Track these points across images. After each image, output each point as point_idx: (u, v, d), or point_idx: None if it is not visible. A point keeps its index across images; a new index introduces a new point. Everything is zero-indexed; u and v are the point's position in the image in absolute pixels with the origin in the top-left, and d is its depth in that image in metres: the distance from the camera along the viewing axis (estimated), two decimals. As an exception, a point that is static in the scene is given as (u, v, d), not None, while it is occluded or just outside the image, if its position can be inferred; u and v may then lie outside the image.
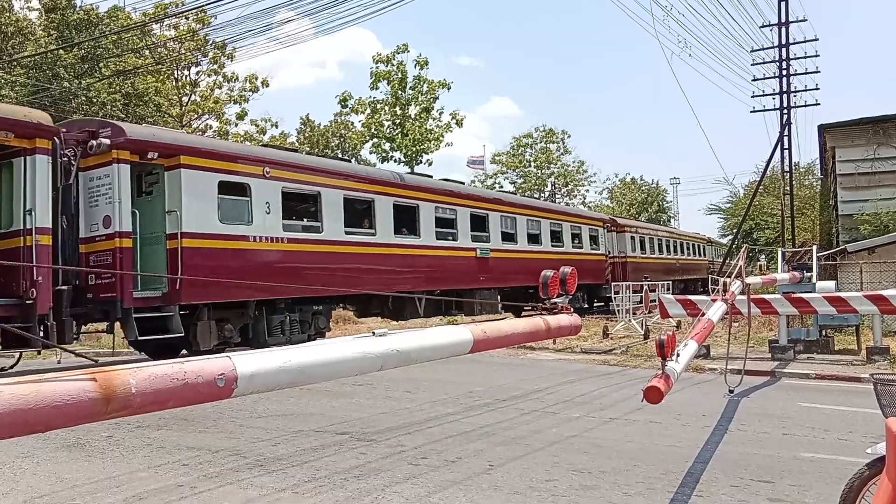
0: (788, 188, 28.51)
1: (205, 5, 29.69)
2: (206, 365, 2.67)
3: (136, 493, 5.26)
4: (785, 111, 28.11)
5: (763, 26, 29.14)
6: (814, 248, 17.33)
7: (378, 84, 38.52)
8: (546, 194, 56.92)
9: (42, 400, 2.12)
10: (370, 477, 5.66)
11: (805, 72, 28.74)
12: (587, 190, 61.41)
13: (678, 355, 5.09)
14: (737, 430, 7.42)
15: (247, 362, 2.83)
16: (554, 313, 5.33)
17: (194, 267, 11.63)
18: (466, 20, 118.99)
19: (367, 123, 40.00)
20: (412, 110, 39.14)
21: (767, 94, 29.07)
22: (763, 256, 31.86)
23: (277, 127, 42.48)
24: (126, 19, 31.97)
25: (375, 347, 3.51)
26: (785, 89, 28.21)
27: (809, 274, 15.08)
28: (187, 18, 34.13)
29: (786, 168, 28.53)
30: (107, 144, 11.05)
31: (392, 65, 38.36)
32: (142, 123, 18.56)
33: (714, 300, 8.00)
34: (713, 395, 9.42)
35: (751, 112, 30.02)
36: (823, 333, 14.04)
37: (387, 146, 39.43)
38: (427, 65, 38.55)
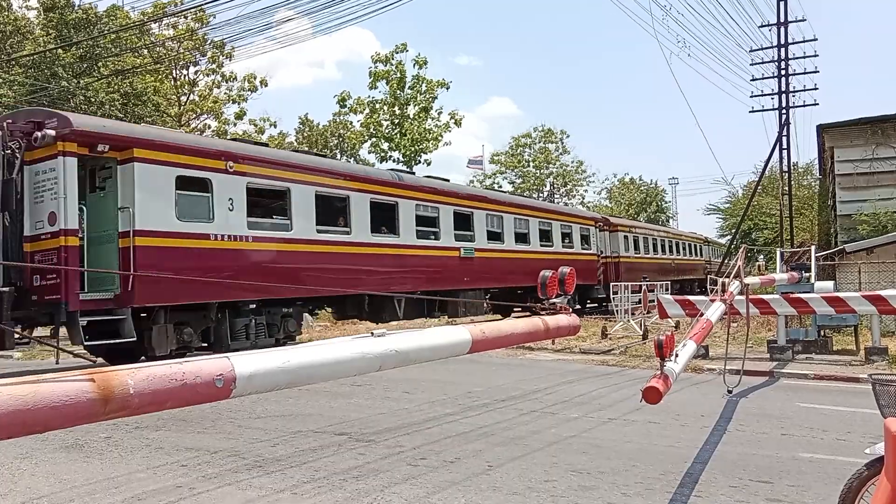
0: (787, 188, 28.54)
1: (203, 4, 29.71)
2: (205, 365, 2.67)
3: (135, 494, 5.25)
4: (784, 111, 28.14)
5: (762, 26, 29.19)
6: (812, 249, 17.36)
7: (377, 84, 38.52)
8: (545, 194, 56.92)
9: (40, 401, 2.11)
10: (369, 477, 5.66)
11: (804, 72, 28.78)
12: (586, 190, 61.52)
13: (677, 355, 5.09)
14: (735, 431, 7.42)
15: (245, 363, 2.82)
16: (551, 313, 5.33)
17: (149, 267, 10.94)
18: (465, 20, 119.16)
19: (366, 123, 39.99)
20: (411, 110, 39.14)
21: (766, 94, 29.12)
22: (762, 256, 31.84)
23: (276, 127, 42.48)
24: (124, 18, 31.93)
25: (374, 348, 3.51)
26: (784, 89, 28.25)
27: (808, 274, 15.09)
28: (186, 18, 34.11)
29: (784, 168, 28.56)
30: (52, 136, 10.36)
31: (391, 64, 38.37)
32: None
33: (713, 300, 8.00)
34: (712, 396, 9.42)
35: (749, 112, 30.08)
36: (822, 334, 14.05)
37: (385, 146, 39.44)
38: (426, 64, 38.58)
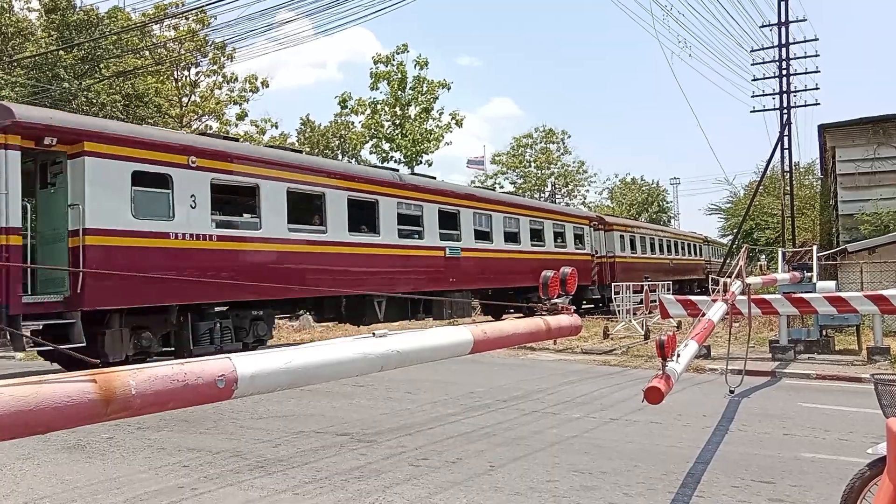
0: (788, 188, 28.50)
1: (204, 6, 29.75)
2: (207, 366, 2.67)
3: (137, 495, 5.26)
4: (785, 111, 28.11)
5: (763, 26, 29.16)
6: (814, 248, 17.34)
7: (378, 84, 38.61)
8: (546, 195, 56.92)
9: (42, 401, 2.11)
10: (371, 478, 5.66)
11: (805, 72, 28.76)
12: (587, 190, 61.52)
13: (679, 356, 5.09)
14: (737, 431, 7.42)
15: (247, 363, 2.82)
16: (553, 314, 5.33)
17: (100, 268, 10.39)
18: (466, 20, 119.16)
19: (367, 124, 40.05)
20: (412, 111, 39.17)
21: (767, 94, 29.09)
22: (763, 256, 31.84)
23: (277, 127, 42.58)
24: (126, 20, 31.98)
25: (376, 348, 3.51)
26: (785, 89, 28.21)
27: (810, 274, 15.08)
28: (187, 19, 34.16)
29: (786, 168, 28.53)
30: None
31: (392, 65, 38.41)
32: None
33: (714, 300, 7.99)
34: (714, 396, 9.42)
35: (751, 112, 30.06)
36: (824, 333, 14.04)
37: (386, 146, 39.48)
38: (427, 65, 38.63)
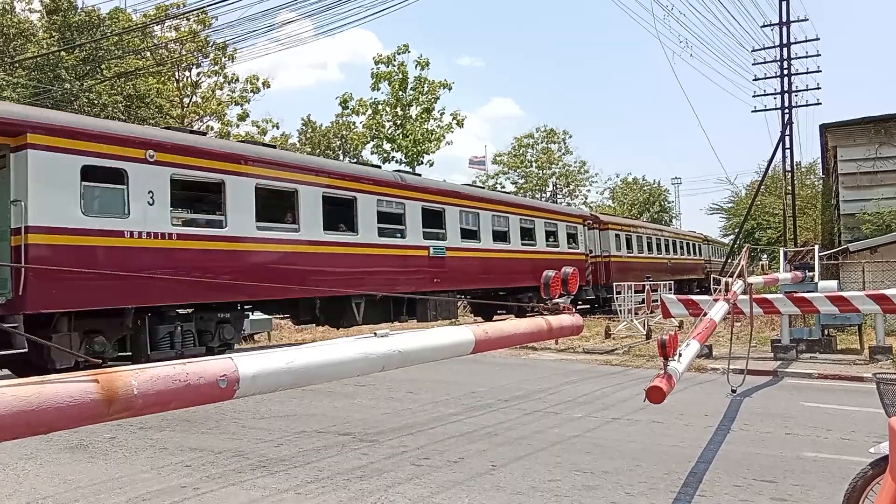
0: (790, 188, 28.47)
1: (206, 6, 29.77)
2: (209, 366, 2.68)
3: (139, 495, 5.26)
4: (786, 111, 28.07)
5: (764, 26, 29.12)
6: (816, 248, 17.32)
7: (379, 85, 38.59)
8: (547, 195, 56.92)
9: (44, 401, 2.12)
10: (373, 477, 5.67)
11: (806, 71, 28.72)
12: (588, 190, 61.46)
13: (680, 355, 5.09)
14: (739, 430, 7.41)
15: (249, 363, 2.83)
16: (554, 313, 5.33)
17: (46, 268, 9.71)
18: (467, 21, 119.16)
19: (368, 124, 40.06)
20: (413, 111, 39.19)
21: (769, 94, 29.03)
22: (765, 256, 31.78)
23: (278, 128, 42.64)
24: (127, 21, 32.03)
25: (377, 348, 3.51)
26: (786, 89, 28.16)
27: (811, 273, 15.07)
28: (188, 20, 34.19)
29: (787, 168, 28.50)
30: None
31: (393, 66, 38.42)
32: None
33: (716, 300, 7.99)
34: (715, 395, 9.41)
35: (752, 112, 29.98)
36: (826, 333, 14.03)
37: (388, 147, 39.51)
38: (428, 65, 38.62)
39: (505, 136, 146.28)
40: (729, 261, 27.84)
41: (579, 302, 25.94)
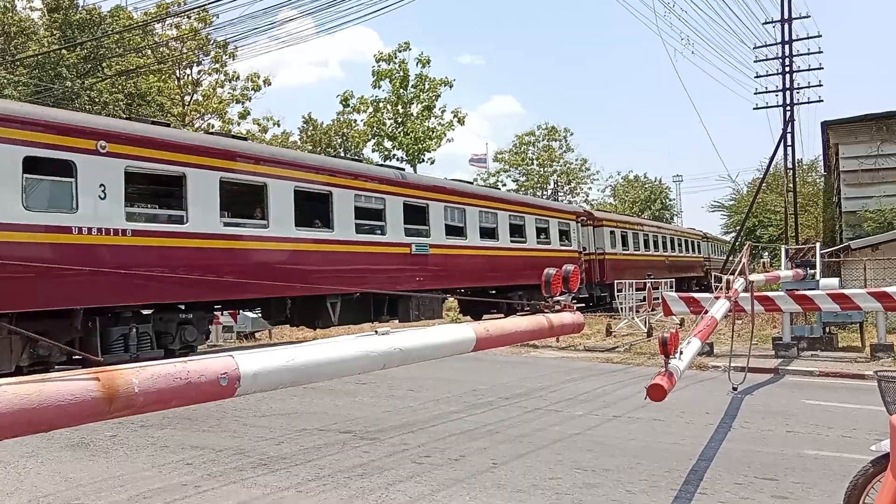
0: (792, 185, 28.44)
1: (206, 4, 29.75)
2: (210, 364, 2.68)
3: (140, 492, 5.27)
4: (788, 108, 28.04)
5: (766, 23, 29.05)
6: (817, 246, 17.34)
7: (380, 83, 38.60)
8: (548, 192, 56.91)
9: (45, 399, 2.12)
10: (374, 475, 5.67)
11: (808, 68, 28.68)
12: (590, 188, 61.49)
13: (681, 353, 5.09)
14: (740, 428, 7.41)
15: (250, 361, 2.83)
16: (556, 311, 5.33)
17: None
18: (468, 18, 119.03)
19: (370, 122, 40.08)
20: (414, 109, 39.19)
21: (770, 91, 28.97)
22: (766, 254, 31.75)
23: (280, 126, 42.72)
24: (128, 19, 32.04)
25: (378, 346, 3.51)
26: (788, 86, 28.12)
27: (813, 271, 15.08)
28: (189, 18, 34.20)
29: (789, 165, 28.47)
30: None
31: (394, 63, 38.43)
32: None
33: (717, 297, 7.99)
34: (717, 393, 9.41)
35: (754, 109, 29.93)
36: (827, 331, 14.03)
37: (389, 145, 39.53)
38: (429, 63, 38.64)
39: (506, 134, 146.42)
40: (730, 258, 27.84)
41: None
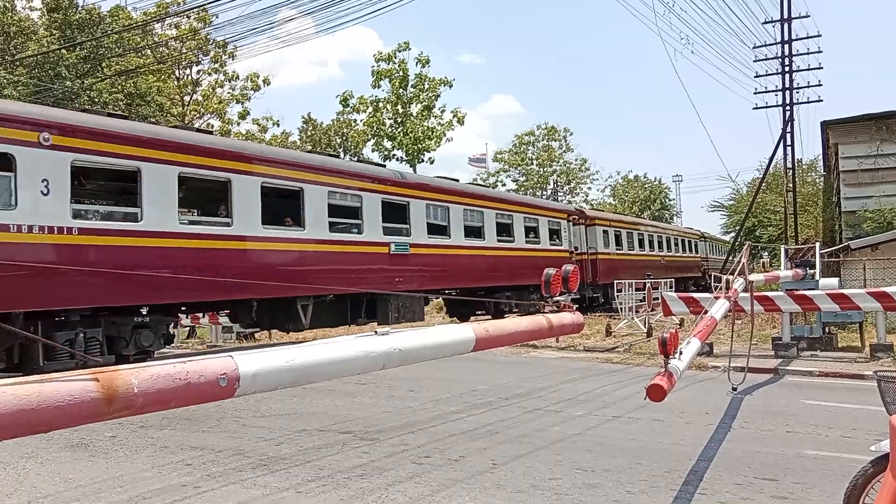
0: (791, 185, 28.45)
1: (206, 4, 29.75)
2: (209, 364, 2.68)
3: (140, 493, 5.27)
4: (787, 108, 28.04)
5: (765, 22, 29.05)
6: (817, 246, 17.34)
7: (380, 82, 38.62)
8: (548, 192, 56.91)
9: (45, 400, 2.12)
10: (373, 476, 5.67)
11: (808, 68, 28.68)
12: (589, 188, 61.49)
13: (681, 353, 5.09)
14: (740, 428, 7.41)
15: (249, 362, 2.83)
16: (556, 311, 5.33)
17: None
18: (468, 18, 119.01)
19: (369, 122, 40.10)
20: (413, 108, 39.20)
21: (770, 91, 28.97)
22: (766, 254, 31.76)
23: (279, 125, 42.69)
24: (127, 19, 32.03)
25: (378, 346, 3.51)
26: (787, 86, 28.12)
27: (812, 271, 15.08)
28: (189, 17, 34.19)
29: (788, 165, 28.47)
30: None
31: (393, 63, 38.44)
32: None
33: (717, 297, 7.99)
34: (716, 393, 9.41)
35: (753, 108, 29.91)
36: (827, 331, 14.03)
37: (388, 144, 39.54)
38: (428, 63, 38.66)
39: (506, 134, 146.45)
40: (730, 258, 27.84)
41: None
